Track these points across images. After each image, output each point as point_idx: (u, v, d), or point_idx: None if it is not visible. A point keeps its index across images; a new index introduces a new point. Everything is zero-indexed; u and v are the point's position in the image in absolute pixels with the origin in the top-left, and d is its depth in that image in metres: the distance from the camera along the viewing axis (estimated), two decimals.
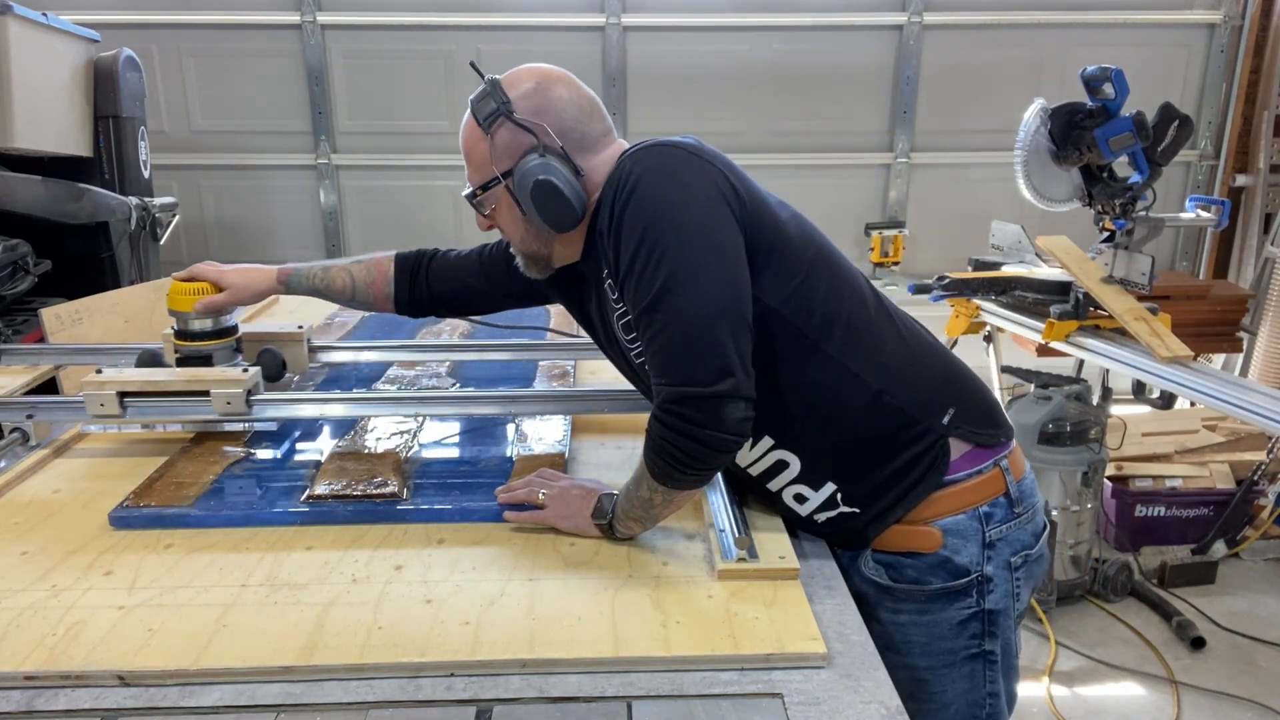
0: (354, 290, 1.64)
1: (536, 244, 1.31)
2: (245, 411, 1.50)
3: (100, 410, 1.49)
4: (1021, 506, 1.28)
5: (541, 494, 1.31)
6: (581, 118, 1.26)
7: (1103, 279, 2.71)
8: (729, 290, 1.12)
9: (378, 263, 1.64)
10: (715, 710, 0.96)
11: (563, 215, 1.24)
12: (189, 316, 1.60)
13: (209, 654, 1.02)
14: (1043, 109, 2.59)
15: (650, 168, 1.15)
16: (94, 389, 1.48)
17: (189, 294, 1.59)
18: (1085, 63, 2.57)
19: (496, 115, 1.23)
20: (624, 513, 1.24)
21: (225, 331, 1.64)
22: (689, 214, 1.13)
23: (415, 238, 4.70)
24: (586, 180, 1.25)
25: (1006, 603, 1.27)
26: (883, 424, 1.22)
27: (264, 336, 1.75)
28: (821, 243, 1.26)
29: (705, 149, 1.20)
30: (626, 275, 1.15)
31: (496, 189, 1.28)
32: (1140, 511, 3.47)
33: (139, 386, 1.51)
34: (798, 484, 1.27)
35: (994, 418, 1.29)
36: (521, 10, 4.45)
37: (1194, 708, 2.70)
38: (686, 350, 1.10)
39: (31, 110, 2.98)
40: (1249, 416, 2.16)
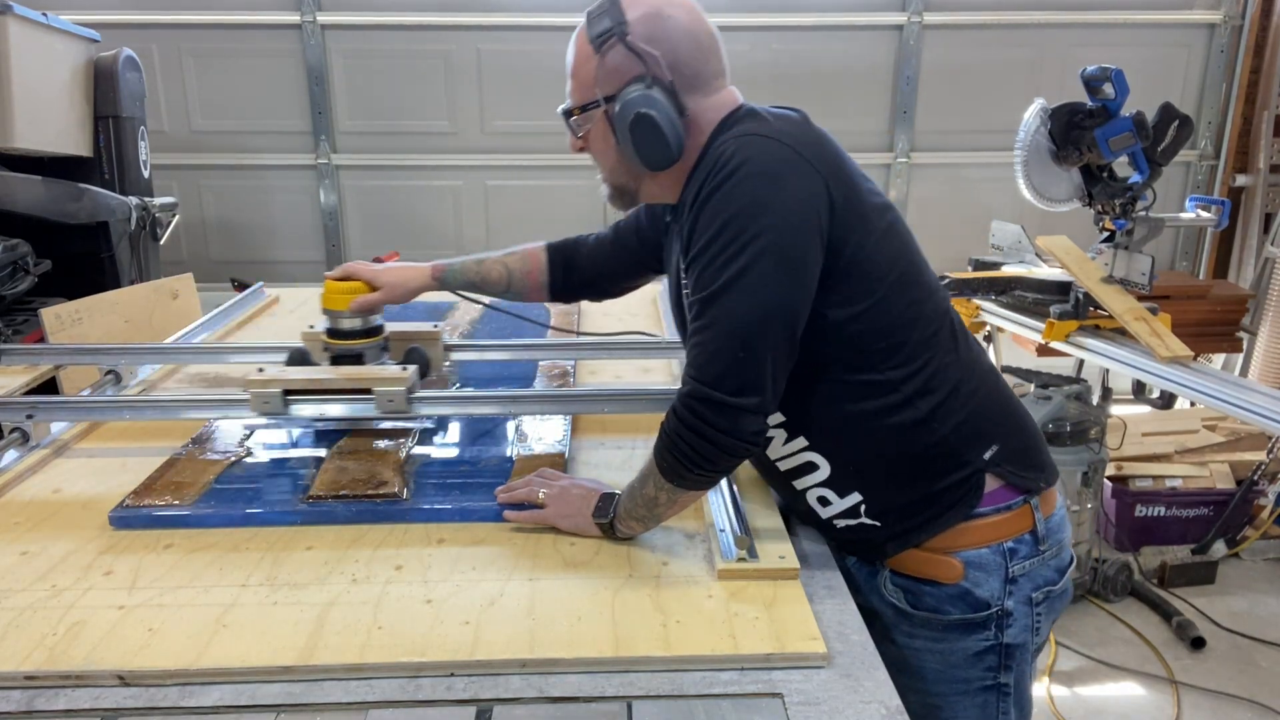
0: (509, 281, 1.65)
1: (625, 177, 1.28)
2: (406, 410, 1.51)
3: (265, 407, 1.49)
4: (1047, 544, 1.25)
5: (541, 493, 1.30)
6: (697, 52, 1.19)
7: (1103, 279, 2.71)
8: (786, 310, 1.10)
9: (531, 254, 1.66)
10: (715, 710, 0.96)
11: (658, 153, 1.19)
12: (342, 315, 1.61)
13: (209, 654, 1.02)
14: (1043, 109, 2.59)
15: (753, 160, 1.10)
16: (259, 387, 1.49)
17: (344, 293, 1.59)
18: (1085, 63, 2.57)
19: (610, 35, 1.17)
20: (626, 512, 1.23)
21: (375, 330, 1.65)
22: (774, 222, 1.08)
23: (415, 238, 4.71)
24: (690, 122, 1.20)
25: (1025, 637, 1.25)
26: (922, 449, 1.20)
27: (407, 335, 1.75)
28: (909, 262, 1.21)
29: (819, 148, 1.15)
30: (695, 259, 1.12)
31: (595, 111, 1.23)
32: (1140, 511, 3.47)
33: (303, 384, 1.51)
34: (824, 488, 1.25)
35: (1037, 460, 1.27)
36: (521, 10, 4.45)
37: (1194, 708, 2.70)
38: (725, 354, 1.09)
39: (31, 110, 2.98)
40: (1249, 416, 2.16)
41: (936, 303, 1.23)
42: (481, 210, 4.74)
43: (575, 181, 4.70)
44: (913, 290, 1.19)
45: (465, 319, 2.38)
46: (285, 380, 1.51)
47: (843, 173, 1.15)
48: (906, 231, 1.23)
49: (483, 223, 4.76)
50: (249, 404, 1.50)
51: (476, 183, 4.70)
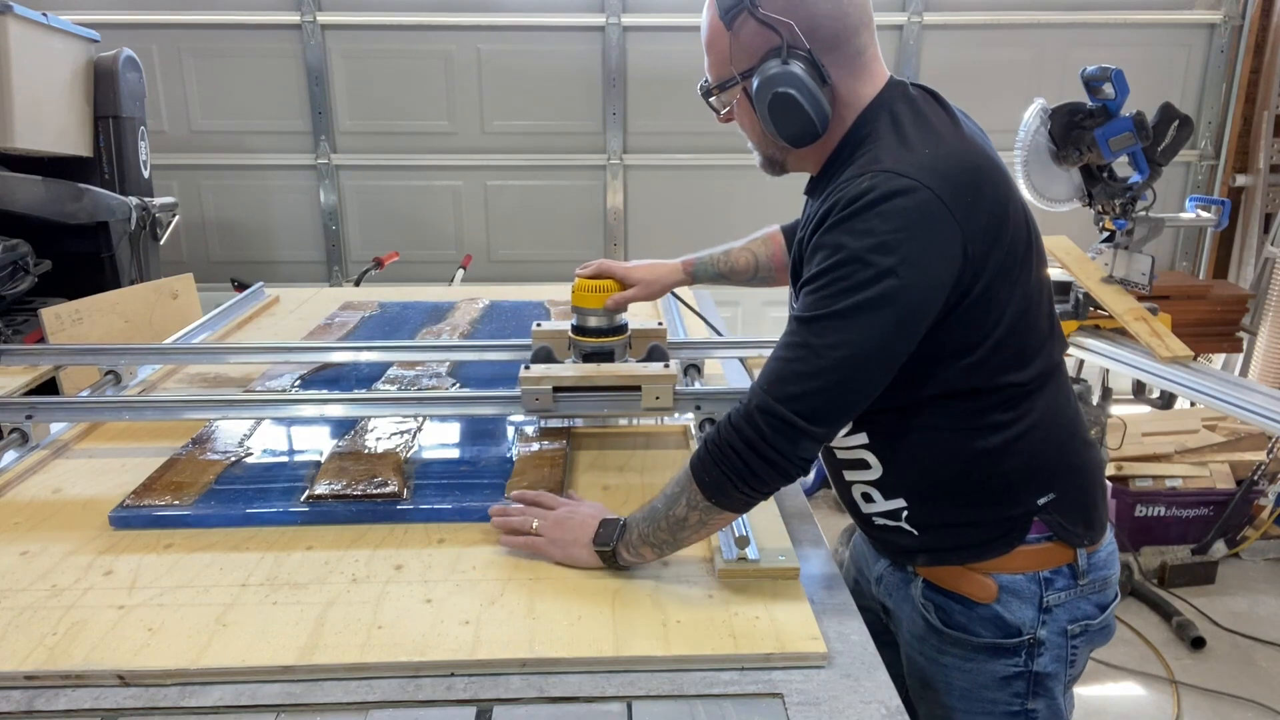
0: (757, 267, 1.66)
1: (773, 150, 1.23)
2: (671, 408, 1.51)
3: (535, 405, 1.50)
4: (1088, 578, 1.22)
5: (535, 524, 1.24)
6: (836, 10, 1.11)
7: (1103, 279, 2.71)
8: (884, 360, 1.06)
9: (772, 238, 1.66)
10: (715, 710, 0.96)
11: (800, 131, 1.13)
12: (595, 313, 1.61)
13: (209, 654, 1.02)
14: (1043, 109, 2.58)
15: (893, 199, 1.02)
16: (531, 384, 1.49)
17: (597, 291, 1.59)
18: (1085, 63, 2.57)
19: (739, 8, 1.11)
20: (641, 537, 1.17)
21: (622, 328, 1.65)
22: (903, 270, 1.02)
23: (415, 238, 4.71)
24: (835, 94, 1.13)
25: (1058, 668, 1.22)
26: (979, 478, 1.17)
27: (640, 333, 1.74)
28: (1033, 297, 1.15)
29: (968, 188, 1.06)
30: (809, 281, 1.07)
31: (734, 88, 1.18)
32: (1140, 511, 3.46)
33: (573, 382, 1.52)
34: (871, 487, 1.24)
35: (1090, 519, 1.22)
36: (521, 10, 4.45)
37: (1194, 708, 2.70)
38: (809, 379, 1.05)
39: (31, 110, 2.97)
40: (1249, 416, 2.16)
41: (1042, 340, 1.17)
42: (481, 210, 4.74)
43: (575, 181, 4.71)
44: (1022, 329, 1.14)
45: (465, 319, 2.38)
46: (556, 378, 1.51)
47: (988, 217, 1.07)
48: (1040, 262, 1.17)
49: (483, 223, 4.76)
50: (520, 401, 1.50)
51: (476, 183, 4.70)
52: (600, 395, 1.53)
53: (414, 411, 1.60)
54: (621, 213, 4.75)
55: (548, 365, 1.57)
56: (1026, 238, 1.14)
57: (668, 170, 4.68)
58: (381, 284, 4.06)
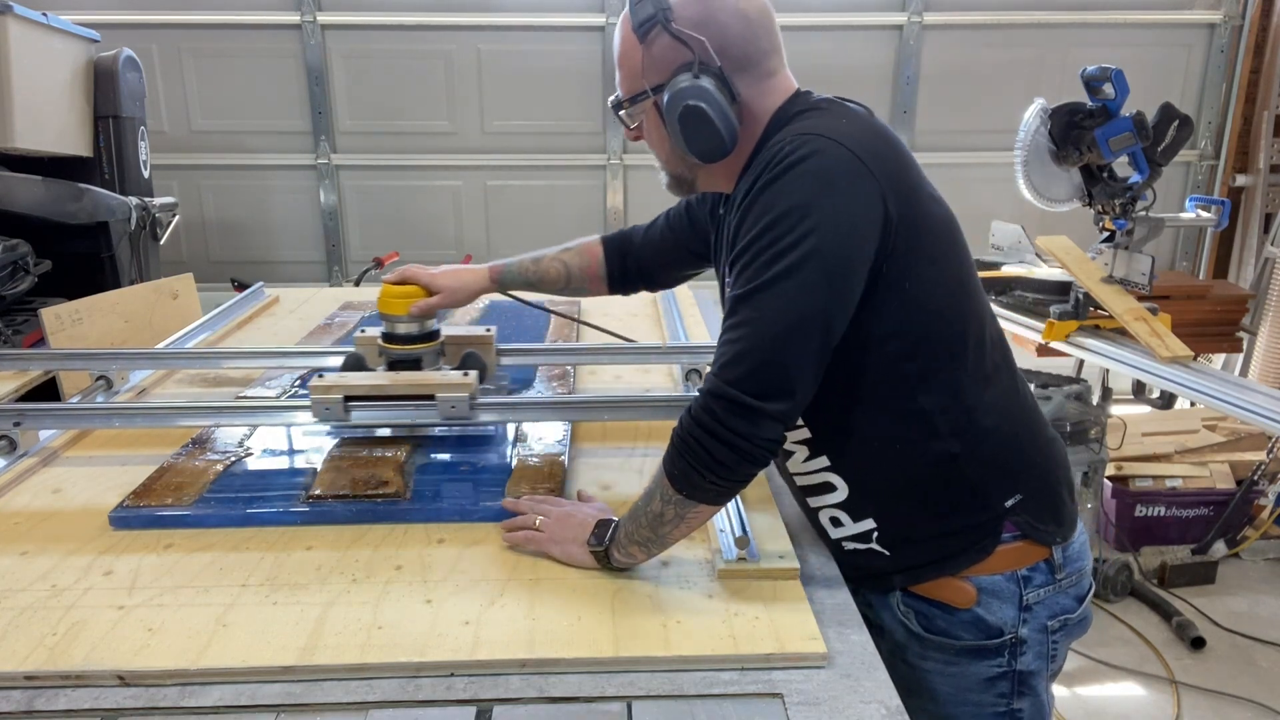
0: (569, 278, 1.64)
1: (682, 167, 1.24)
2: (468, 416, 1.49)
3: (325, 414, 1.48)
4: (1064, 572, 1.22)
5: (539, 520, 1.25)
6: (747, 32, 1.14)
7: (1103, 279, 2.71)
8: (822, 318, 1.05)
9: (587, 248, 1.64)
10: (715, 710, 0.96)
11: (710, 145, 1.14)
12: (400, 320, 1.59)
13: (209, 654, 1.02)
14: (1043, 109, 2.58)
15: (809, 160, 1.05)
16: (320, 393, 1.47)
17: (402, 298, 1.57)
18: (1085, 63, 2.57)
19: (653, 22, 1.12)
20: (627, 536, 1.17)
21: (432, 335, 1.63)
22: (822, 226, 1.03)
23: (415, 238, 4.71)
24: (743, 108, 1.15)
25: (1040, 665, 1.23)
26: (945, 486, 1.17)
27: (461, 340, 1.72)
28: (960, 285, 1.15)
29: (883, 154, 1.09)
30: (739, 256, 1.08)
31: (645, 103, 1.19)
32: (1140, 511, 3.47)
33: (365, 391, 1.50)
34: (838, 509, 1.23)
35: (1059, 515, 1.23)
36: (521, 10, 4.45)
37: (1194, 708, 2.70)
38: (753, 355, 1.04)
39: (31, 110, 2.97)
40: (1249, 416, 2.16)
41: (984, 333, 1.18)
42: (481, 210, 4.74)
43: (575, 182, 4.71)
44: (960, 316, 1.15)
45: (465, 319, 2.38)
46: (347, 386, 1.49)
47: (904, 184, 1.09)
48: (963, 252, 1.17)
49: (483, 223, 4.76)
50: (310, 410, 1.49)
51: (476, 183, 4.71)
52: (396, 405, 1.50)
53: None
54: (621, 213, 4.75)
55: (345, 374, 1.56)
56: (947, 225, 1.15)
57: None
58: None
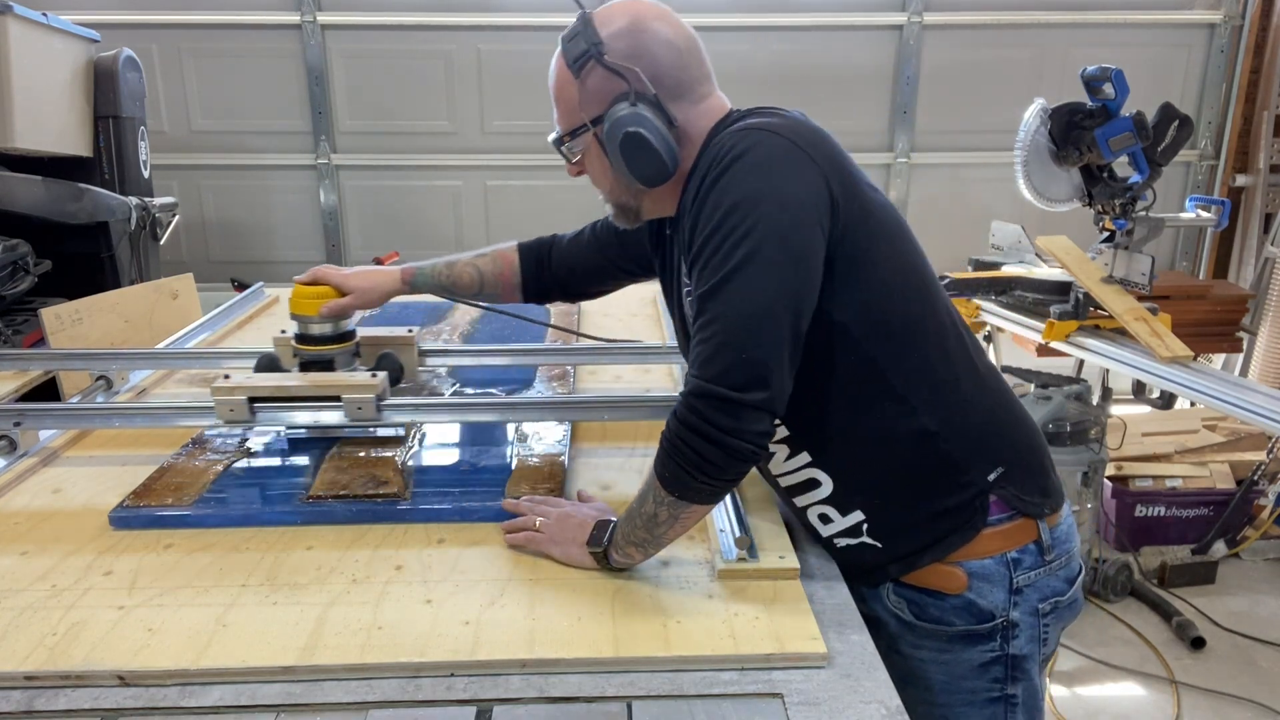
0: (481, 284, 1.63)
1: (626, 196, 1.26)
2: (375, 417, 1.49)
3: (230, 415, 1.47)
4: (1053, 554, 1.23)
5: (539, 521, 1.26)
6: (678, 60, 1.18)
7: (1103, 279, 2.71)
8: (790, 298, 1.06)
9: (502, 254, 1.63)
10: (715, 710, 0.96)
11: (652, 170, 1.17)
12: (311, 321, 1.58)
13: (209, 654, 1.02)
14: (1043, 109, 2.59)
15: (751, 151, 1.08)
16: (224, 394, 1.46)
17: (312, 298, 1.57)
18: (1085, 63, 2.57)
19: (587, 57, 1.16)
20: (624, 537, 1.17)
21: (346, 336, 1.62)
22: (773, 211, 1.06)
23: (415, 238, 4.71)
24: (680, 132, 1.18)
25: (1032, 648, 1.23)
26: (927, 465, 1.18)
27: (379, 340, 1.72)
28: (914, 267, 1.18)
29: (817, 142, 1.12)
30: (697, 256, 1.09)
31: (585, 136, 1.22)
32: (1140, 511, 3.47)
33: (270, 392, 1.49)
34: (826, 505, 1.23)
35: (1044, 486, 1.24)
36: (521, 10, 4.45)
37: (1194, 708, 2.70)
38: (729, 348, 1.04)
39: (31, 110, 2.98)
40: (1249, 416, 2.16)
41: (943, 312, 1.20)
42: (481, 210, 4.74)
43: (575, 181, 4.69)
44: (919, 296, 1.17)
45: (465, 319, 2.38)
46: (251, 388, 1.48)
47: (844, 170, 1.13)
48: (912, 237, 1.20)
49: (483, 223, 4.76)
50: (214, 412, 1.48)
51: (476, 183, 4.70)
52: (302, 406, 1.50)
53: (410, 419, 1.58)
54: None
55: (252, 374, 1.55)
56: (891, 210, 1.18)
57: None
58: None
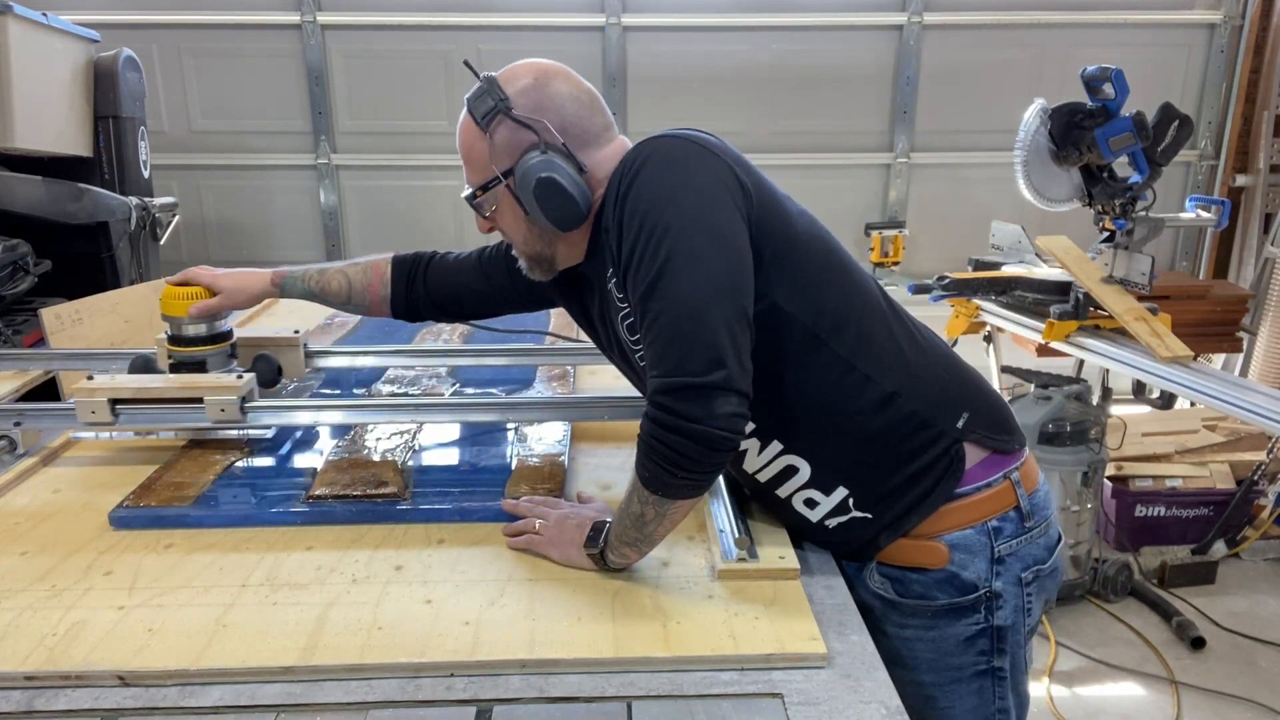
0: (350, 294, 1.60)
1: (540, 245, 1.28)
2: (239, 419, 1.48)
3: (91, 417, 1.46)
4: (1033, 520, 1.24)
5: (538, 524, 1.27)
6: (582, 112, 1.23)
7: (1103, 279, 2.71)
8: (727, 279, 1.08)
9: (374, 265, 1.60)
10: (715, 710, 0.97)
11: (567, 213, 1.21)
12: (183, 321, 1.58)
13: (209, 654, 1.02)
14: (1043, 109, 2.59)
15: (654, 156, 1.13)
16: (85, 396, 1.45)
17: (182, 298, 1.56)
18: (1085, 63, 2.57)
19: (495, 113, 1.20)
20: (617, 537, 1.17)
21: (220, 337, 1.62)
22: (690, 201, 1.09)
23: (415, 238, 4.71)
24: (590, 177, 1.22)
25: (1016, 619, 1.24)
26: (896, 427, 1.19)
27: (259, 341, 1.72)
28: (832, 244, 1.24)
29: (712, 142, 1.17)
30: (626, 265, 1.12)
31: (497, 189, 1.25)
32: (1140, 511, 3.47)
33: (131, 394, 1.48)
34: (808, 489, 1.23)
35: (1008, 424, 1.27)
36: (521, 10, 4.45)
37: (1194, 708, 2.70)
38: (678, 338, 1.05)
39: (31, 110, 2.97)
40: (1249, 416, 2.16)
41: (866, 280, 1.25)
42: None
43: None
44: (842, 268, 1.22)
45: None
46: (113, 389, 1.47)
47: (743, 163, 1.17)
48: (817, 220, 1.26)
49: None
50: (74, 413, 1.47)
51: None
52: (164, 408, 1.48)
53: (409, 419, 1.58)
54: None
55: (114, 375, 1.55)
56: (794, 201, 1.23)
57: None
58: None
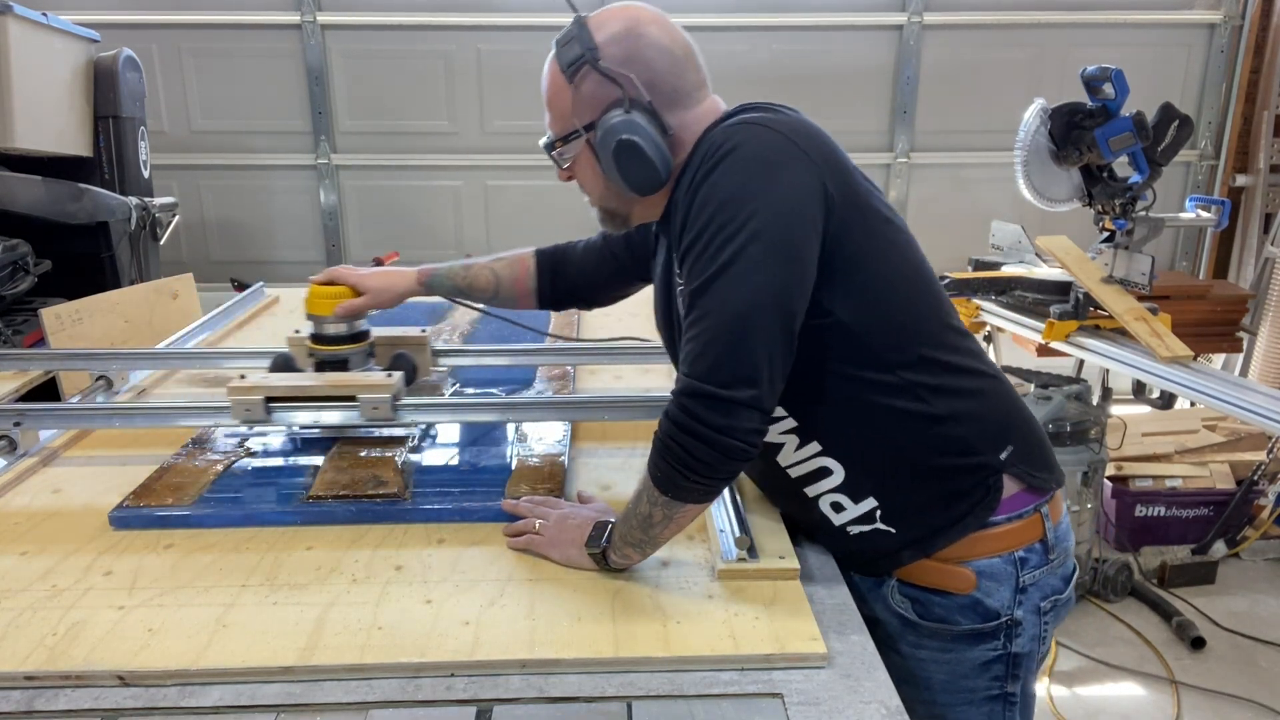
0: (498, 288, 1.63)
1: (616, 202, 1.25)
2: (391, 417, 1.49)
3: (246, 415, 1.47)
4: (1055, 552, 1.23)
5: (538, 524, 1.26)
6: (674, 67, 1.16)
7: (1103, 279, 2.71)
8: (782, 296, 1.05)
9: (520, 259, 1.62)
10: (715, 710, 0.96)
11: (645, 178, 1.16)
12: (326, 320, 1.58)
13: (209, 654, 1.02)
14: (1043, 109, 2.59)
15: (744, 145, 1.07)
16: (240, 394, 1.46)
17: (328, 298, 1.56)
18: (1085, 63, 2.57)
19: (581, 63, 1.14)
20: (621, 537, 1.17)
21: (361, 336, 1.62)
22: (767, 207, 1.04)
23: (415, 238, 4.71)
24: (674, 140, 1.17)
25: (1032, 646, 1.23)
26: (939, 450, 1.17)
27: (392, 340, 1.71)
28: (915, 259, 1.19)
29: (813, 138, 1.11)
30: (687, 252, 1.08)
31: (577, 142, 1.21)
32: (1140, 511, 3.47)
33: (285, 392, 1.49)
34: (838, 493, 1.21)
35: (1048, 461, 1.25)
36: (521, 10, 4.45)
37: (1194, 708, 2.70)
38: (718, 344, 1.04)
39: (31, 110, 2.98)
40: (1249, 416, 2.16)
41: (941, 302, 1.21)
42: (481, 210, 4.74)
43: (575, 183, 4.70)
44: (917, 288, 1.18)
45: (465, 319, 2.38)
46: (268, 388, 1.48)
47: (840, 167, 1.12)
48: (909, 233, 1.21)
49: (483, 223, 4.76)
50: (230, 412, 1.48)
51: (476, 183, 4.71)
52: (318, 406, 1.49)
53: (409, 419, 1.58)
54: None
55: (267, 375, 1.55)
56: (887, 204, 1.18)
57: None
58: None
